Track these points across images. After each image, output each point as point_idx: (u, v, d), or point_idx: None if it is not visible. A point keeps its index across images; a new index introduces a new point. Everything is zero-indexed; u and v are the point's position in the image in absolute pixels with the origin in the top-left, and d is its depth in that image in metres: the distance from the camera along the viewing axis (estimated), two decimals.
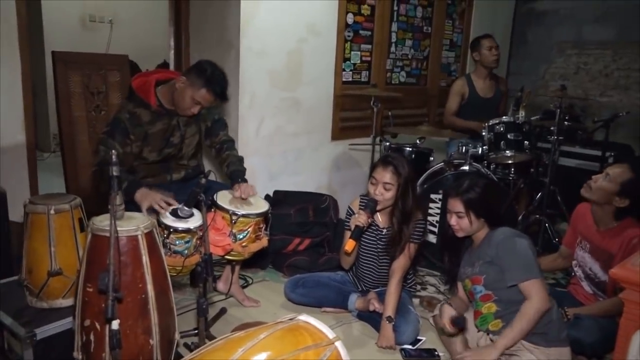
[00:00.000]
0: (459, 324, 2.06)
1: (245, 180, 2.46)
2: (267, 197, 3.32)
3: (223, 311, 2.54)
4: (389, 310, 2.32)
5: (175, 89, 2.34)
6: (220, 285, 2.65)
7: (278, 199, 3.33)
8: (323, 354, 1.20)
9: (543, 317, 1.97)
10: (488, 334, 2.12)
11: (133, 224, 1.69)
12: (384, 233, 2.49)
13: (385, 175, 2.34)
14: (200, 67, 2.36)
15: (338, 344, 1.25)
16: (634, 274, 1.66)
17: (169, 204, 2.12)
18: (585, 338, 2.11)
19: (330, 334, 1.26)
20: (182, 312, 2.47)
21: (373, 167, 2.47)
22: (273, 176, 3.59)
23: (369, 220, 2.34)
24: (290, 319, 1.31)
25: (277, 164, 3.62)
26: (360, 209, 2.40)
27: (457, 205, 2.11)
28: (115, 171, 1.58)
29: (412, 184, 2.42)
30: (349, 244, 2.31)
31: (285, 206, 3.23)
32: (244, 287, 2.83)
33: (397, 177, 2.34)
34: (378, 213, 2.48)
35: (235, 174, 2.45)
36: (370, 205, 2.35)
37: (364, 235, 2.48)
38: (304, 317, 1.31)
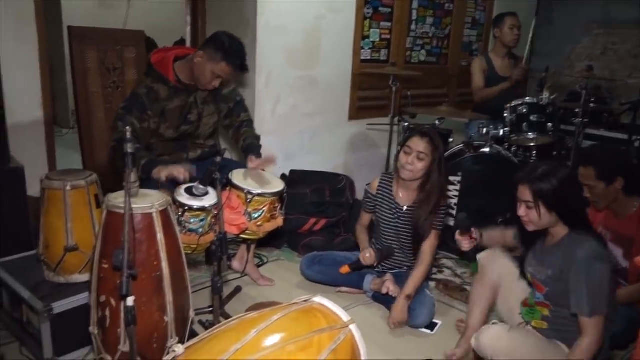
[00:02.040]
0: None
1: (260, 155, 2.46)
2: (283, 177, 3.31)
3: (238, 289, 2.55)
4: (410, 289, 2.32)
5: (194, 64, 2.31)
6: (236, 264, 2.65)
7: (294, 179, 3.31)
8: (337, 337, 1.18)
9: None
10: (527, 324, 2.01)
11: (148, 201, 1.68)
12: (404, 210, 2.47)
13: (421, 145, 2.33)
14: (218, 39, 2.32)
15: (353, 327, 1.23)
16: None
17: (186, 177, 2.12)
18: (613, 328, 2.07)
19: (345, 317, 1.24)
20: (197, 290, 2.48)
21: (407, 138, 2.45)
22: (289, 156, 3.56)
23: (374, 264, 2.46)
24: (305, 301, 1.30)
25: (293, 144, 3.59)
26: (374, 248, 2.52)
27: (525, 193, 1.83)
28: (129, 148, 1.56)
29: (445, 163, 2.41)
30: (344, 269, 2.47)
31: (302, 186, 3.21)
32: (259, 266, 2.83)
33: (433, 149, 2.33)
34: (402, 189, 2.48)
35: (251, 147, 2.45)
36: (384, 252, 2.45)
37: (384, 212, 2.51)
38: (318, 299, 1.29)
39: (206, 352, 1.11)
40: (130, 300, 1.48)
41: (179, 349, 1.12)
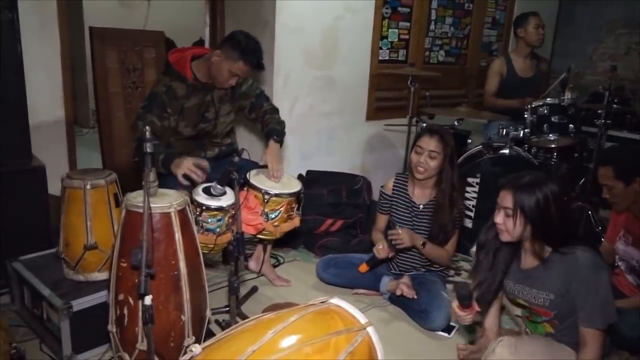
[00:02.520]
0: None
1: (281, 140, 2.47)
2: (299, 177, 3.30)
3: (254, 289, 2.55)
4: (426, 242, 2.40)
5: (212, 63, 2.33)
6: (252, 264, 2.66)
7: (311, 179, 3.31)
8: (354, 339, 1.17)
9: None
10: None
11: (166, 201, 1.69)
12: (420, 209, 2.46)
13: (431, 143, 2.34)
14: (234, 38, 2.34)
15: (370, 329, 1.22)
16: None
17: (202, 168, 2.16)
18: (629, 333, 2.03)
19: (362, 319, 1.23)
20: (214, 290, 2.49)
21: (417, 137, 2.46)
22: (306, 156, 3.56)
23: (390, 256, 2.38)
24: (322, 302, 1.29)
25: (310, 144, 3.58)
26: (386, 239, 2.41)
27: (506, 199, 1.73)
28: (149, 148, 1.57)
29: (455, 158, 2.41)
30: (362, 267, 2.45)
31: (318, 186, 3.20)
32: (275, 266, 2.83)
33: (444, 146, 2.34)
34: (417, 187, 2.48)
35: (272, 132, 2.45)
36: (393, 246, 2.37)
37: (400, 212, 2.50)
38: (335, 301, 1.28)
39: (223, 352, 1.11)
40: (148, 299, 1.49)
41: (197, 349, 1.11)
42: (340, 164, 3.72)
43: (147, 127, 1.58)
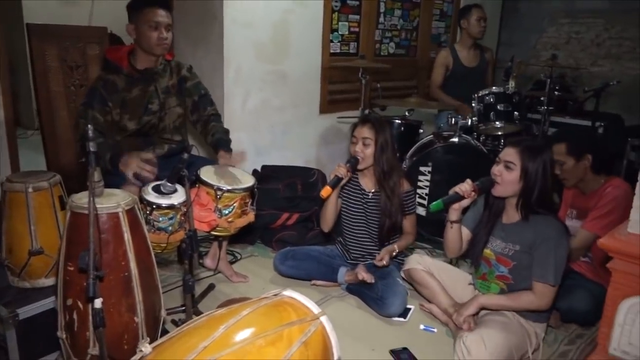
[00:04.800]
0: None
1: (231, 150, 2.45)
2: (254, 172, 3.28)
3: (211, 287, 2.53)
4: (394, 246, 2.45)
5: (136, 40, 2.32)
6: (208, 262, 2.63)
7: (266, 174, 3.29)
8: (308, 329, 1.18)
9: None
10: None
11: (113, 201, 1.65)
12: (370, 197, 2.51)
13: (364, 131, 2.41)
14: (130, 2, 2.35)
15: (323, 318, 1.23)
16: (621, 244, 1.65)
17: (150, 163, 2.14)
18: (579, 308, 2.14)
19: (315, 309, 1.24)
20: (169, 289, 2.45)
21: (352, 128, 2.51)
22: (261, 151, 3.54)
23: (348, 174, 2.38)
24: (275, 295, 1.29)
25: (265, 139, 3.57)
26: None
27: (510, 154, 1.94)
28: (92, 147, 1.53)
29: (391, 142, 2.44)
30: (325, 190, 2.35)
31: (274, 181, 3.19)
32: (232, 262, 2.81)
33: (375, 133, 2.40)
34: (363, 176, 2.53)
35: (221, 142, 2.44)
36: (351, 161, 2.40)
37: (350, 200, 2.54)
38: (288, 293, 1.29)
39: (174, 350, 1.09)
40: (98, 302, 1.45)
41: (147, 348, 1.10)
42: (295, 158, 3.72)
43: (89, 126, 1.54)
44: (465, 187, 2.02)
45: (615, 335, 1.69)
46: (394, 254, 2.45)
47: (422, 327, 2.28)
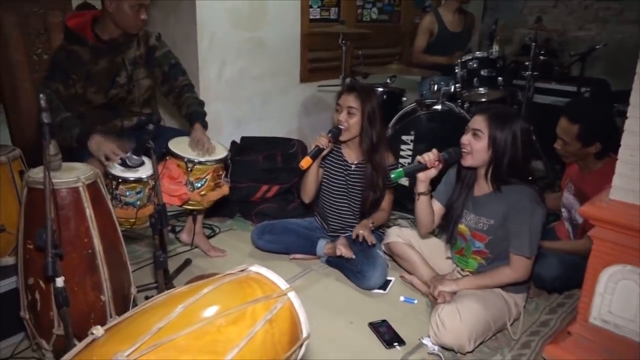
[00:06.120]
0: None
1: (206, 123, 2.34)
2: (233, 144, 3.19)
3: (188, 262, 2.46)
4: (373, 220, 2.37)
5: (111, 13, 2.15)
6: (184, 236, 2.56)
7: (245, 146, 3.20)
8: (273, 307, 1.11)
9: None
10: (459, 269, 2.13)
11: (73, 175, 1.57)
12: (352, 169, 2.43)
13: (349, 100, 2.31)
14: None
15: (291, 294, 1.17)
16: (602, 211, 1.61)
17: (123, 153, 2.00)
18: (546, 273, 2.10)
19: (283, 285, 1.18)
20: (143, 265, 2.38)
21: (338, 96, 2.41)
22: (239, 122, 3.44)
23: (330, 144, 2.28)
24: (241, 271, 1.23)
25: (243, 109, 3.46)
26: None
27: (479, 122, 1.84)
28: (45, 118, 1.43)
29: (379, 113, 2.34)
30: (305, 161, 2.24)
31: (253, 153, 3.11)
32: (210, 237, 2.74)
33: (361, 103, 2.30)
34: (346, 147, 2.44)
35: (195, 115, 2.33)
36: (333, 131, 2.31)
37: (332, 171, 2.46)
38: (255, 268, 1.22)
39: (128, 332, 1.02)
40: (59, 281, 1.39)
41: (98, 331, 1.03)
42: (276, 129, 3.63)
43: (41, 95, 1.44)
44: (429, 156, 1.92)
45: (596, 304, 1.67)
46: (372, 227, 2.36)
47: (402, 298, 2.24)
